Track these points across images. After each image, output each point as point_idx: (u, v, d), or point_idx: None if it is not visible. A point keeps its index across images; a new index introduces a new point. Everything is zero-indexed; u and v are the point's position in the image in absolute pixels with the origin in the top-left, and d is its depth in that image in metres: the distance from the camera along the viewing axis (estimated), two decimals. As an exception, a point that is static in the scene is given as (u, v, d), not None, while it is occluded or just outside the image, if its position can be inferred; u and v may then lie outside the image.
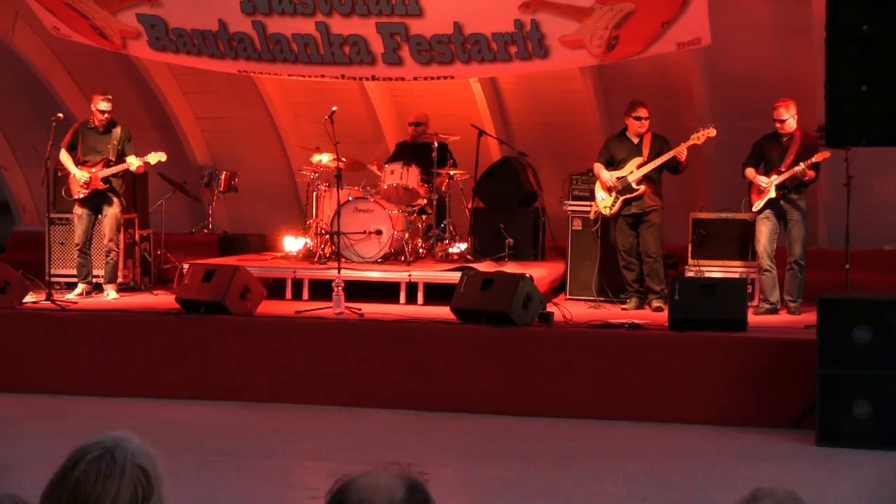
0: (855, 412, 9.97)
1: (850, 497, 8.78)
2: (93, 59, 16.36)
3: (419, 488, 3.02)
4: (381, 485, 2.98)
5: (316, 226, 14.55)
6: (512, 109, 16.34)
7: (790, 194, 12.84)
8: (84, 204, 13.73)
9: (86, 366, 12.05)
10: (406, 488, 2.99)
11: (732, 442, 10.31)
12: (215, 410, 11.37)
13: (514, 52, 13.69)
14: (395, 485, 2.99)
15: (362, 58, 14.11)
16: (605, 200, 13.30)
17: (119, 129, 13.83)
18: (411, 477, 3.04)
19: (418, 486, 3.03)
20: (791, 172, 12.69)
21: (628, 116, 13.37)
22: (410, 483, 3.02)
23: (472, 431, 10.72)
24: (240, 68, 14.80)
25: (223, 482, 9.01)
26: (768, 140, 13.02)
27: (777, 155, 12.89)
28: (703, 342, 11.13)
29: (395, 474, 3.02)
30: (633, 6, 13.06)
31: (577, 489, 8.92)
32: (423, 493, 3.03)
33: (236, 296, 12.15)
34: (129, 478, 3.07)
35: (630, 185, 13.18)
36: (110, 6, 14.43)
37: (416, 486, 3.02)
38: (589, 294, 13.82)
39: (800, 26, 13.86)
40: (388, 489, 2.97)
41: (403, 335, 11.72)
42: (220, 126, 17.46)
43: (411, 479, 3.03)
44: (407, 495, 2.98)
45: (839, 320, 10.09)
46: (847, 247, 12.55)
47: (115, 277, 13.92)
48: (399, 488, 2.98)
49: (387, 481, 2.99)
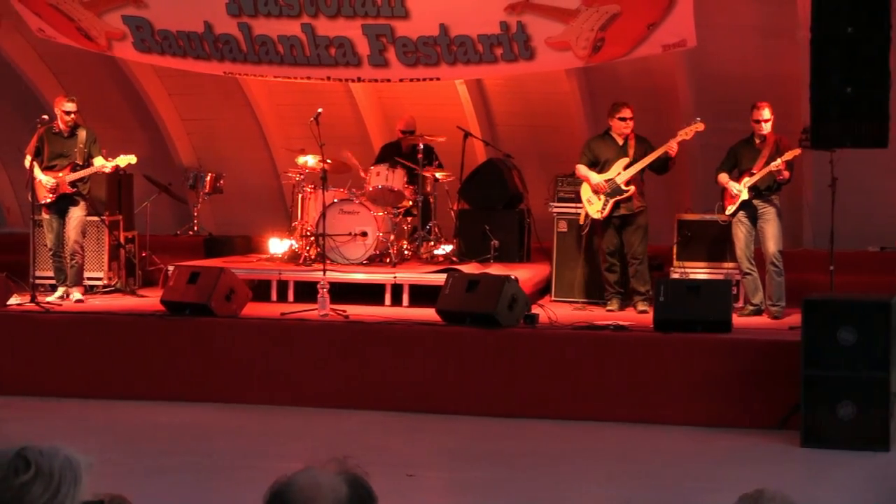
0: (840, 413, 9.98)
1: (835, 498, 8.79)
2: (78, 61, 16.33)
3: (361, 483, 2.97)
4: (324, 483, 2.92)
5: (301, 228, 14.53)
6: (497, 111, 16.35)
7: (763, 194, 12.86)
8: (51, 208, 13.61)
9: (70, 368, 12.01)
10: (349, 484, 2.94)
11: (717, 443, 10.32)
12: (200, 412, 11.35)
13: (499, 53, 13.70)
14: (337, 482, 2.93)
15: (348, 59, 14.11)
16: (596, 205, 13.25)
17: (84, 132, 13.70)
18: (351, 472, 2.99)
19: (359, 480, 2.97)
20: (765, 171, 12.71)
21: (612, 117, 13.35)
22: (352, 479, 2.96)
23: (457, 433, 10.71)
24: (225, 70, 14.79)
25: (208, 484, 9.00)
26: (743, 144, 13.06)
27: (749, 158, 12.92)
28: (687, 343, 11.14)
29: (335, 470, 2.97)
30: (618, 8, 13.08)
31: (562, 491, 8.92)
32: (365, 488, 2.98)
33: (221, 298, 12.13)
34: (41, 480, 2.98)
35: (620, 187, 13.17)
36: (95, 8, 14.41)
37: (358, 481, 2.97)
38: (574, 296, 13.84)
39: (785, 28, 13.89)
40: (332, 487, 2.91)
41: (389, 337, 11.71)
42: (206, 128, 17.44)
43: (351, 475, 2.98)
44: (351, 491, 2.93)
45: (824, 321, 10.11)
46: (832, 248, 12.56)
47: (80, 280, 13.81)
48: (342, 485, 2.92)
49: (328, 479, 2.93)
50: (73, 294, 13.59)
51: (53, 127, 13.66)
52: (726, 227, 13.18)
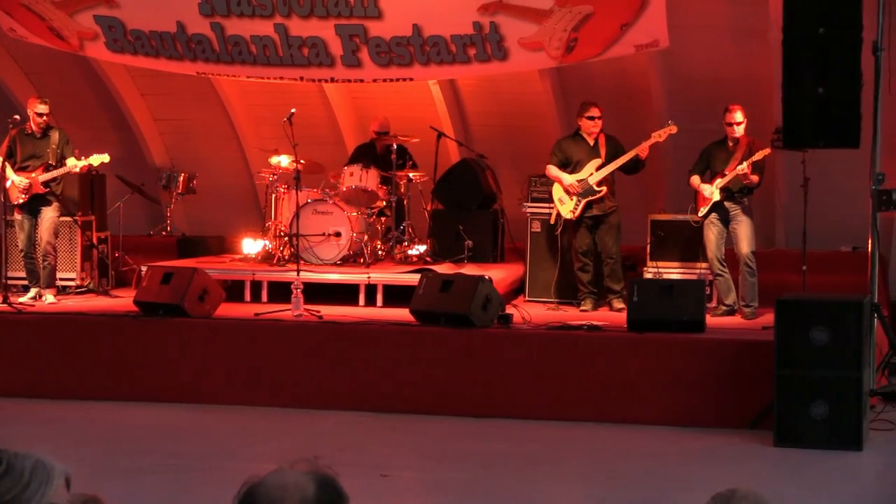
0: (812, 413, 10.02)
1: (807, 497, 8.82)
2: (50, 61, 16.27)
3: (330, 483, 2.96)
4: (290, 483, 2.91)
5: (275, 228, 14.52)
6: (471, 111, 16.36)
7: (735, 196, 12.89)
8: (23, 209, 13.57)
9: (43, 369, 11.98)
10: (316, 484, 2.93)
11: (691, 443, 10.34)
12: (174, 413, 11.33)
13: (473, 53, 13.70)
14: (304, 482, 2.92)
15: (321, 59, 14.09)
16: (568, 205, 13.29)
17: (57, 133, 13.69)
18: (321, 472, 2.98)
19: (329, 480, 2.97)
20: (734, 174, 12.75)
21: (581, 117, 13.40)
22: (321, 478, 2.95)
23: (431, 433, 10.71)
24: (198, 70, 14.75)
25: (182, 485, 8.98)
26: (715, 146, 13.10)
27: (722, 159, 12.96)
28: (661, 343, 11.16)
29: (304, 470, 2.96)
30: (591, 8, 13.10)
31: (536, 490, 8.93)
32: (335, 488, 2.97)
33: (195, 298, 12.11)
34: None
35: (592, 188, 13.21)
36: (67, 7, 14.36)
37: (327, 481, 2.96)
38: (548, 296, 13.85)
39: (757, 28, 13.93)
40: (298, 487, 2.91)
41: (363, 337, 11.70)
42: (179, 128, 17.40)
43: (321, 475, 2.97)
44: (318, 491, 2.92)
45: (796, 321, 10.14)
46: (804, 248, 12.62)
47: (53, 281, 13.76)
48: (309, 485, 2.92)
49: (296, 479, 2.93)
50: (46, 297, 13.54)
51: (26, 128, 13.64)
52: (699, 228, 13.21)
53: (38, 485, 3.03)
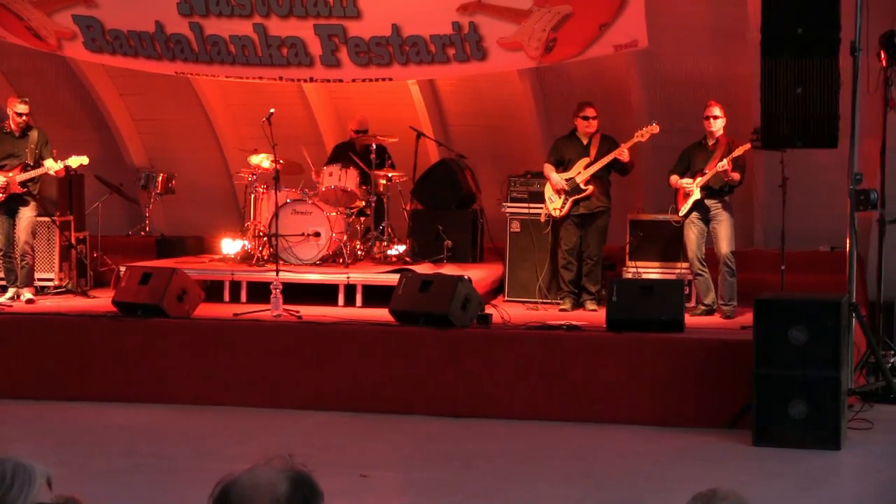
0: (791, 412, 10.04)
1: (786, 497, 8.83)
2: (28, 61, 16.22)
3: (304, 480, 2.96)
4: (263, 481, 2.91)
5: (254, 228, 14.50)
6: (450, 111, 16.35)
7: (716, 193, 12.93)
8: (0, 208, 13.56)
9: (21, 369, 11.93)
10: (290, 482, 2.93)
11: (670, 442, 10.35)
12: (153, 413, 11.30)
13: (452, 53, 13.71)
14: (277, 480, 2.92)
15: (300, 59, 14.09)
16: (555, 202, 13.36)
17: (36, 133, 13.67)
18: (295, 469, 2.98)
19: (303, 478, 2.96)
20: (714, 171, 12.78)
21: (576, 117, 13.47)
22: (294, 476, 2.95)
23: (411, 433, 10.71)
24: (177, 70, 14.72)
25: (161, 485, 8.96)
26: (695, 147, 13.15)
27: (702, 159, 13.00)
28: (640, 343, 11.17)
29: (279, 468, 2.96)
30: (570, 8, 13.13)
31: (516, 490, 8.92)
32: (309, 485, 2.96)
33: (174, 298, 12.08)
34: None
35: (578, 186, 13.26)
36: (45, 7, 14.32)
37: (301, 479, 2.96)
38: (527, 296, 13.87)
39: (736, 29, 13.97)
40: (271, 485, 2.90)
41: (342, 337, 11.69)
42: (158, 128, 17.36)
43: (295, 472, 2.97)
44: (291, 489, 2.91)
45: (775, 321, 10.16)
46: (783, 248, 12.66)
47: (30, 281, 13.72)
48: (282, 483, 2.91)
49: (269, 477, 2.92)
50: (24, 294, 13.51)
51: (4, 127, 13.62)
52: (679, 228, 13.24)
53: (20, 486, 3.04)
